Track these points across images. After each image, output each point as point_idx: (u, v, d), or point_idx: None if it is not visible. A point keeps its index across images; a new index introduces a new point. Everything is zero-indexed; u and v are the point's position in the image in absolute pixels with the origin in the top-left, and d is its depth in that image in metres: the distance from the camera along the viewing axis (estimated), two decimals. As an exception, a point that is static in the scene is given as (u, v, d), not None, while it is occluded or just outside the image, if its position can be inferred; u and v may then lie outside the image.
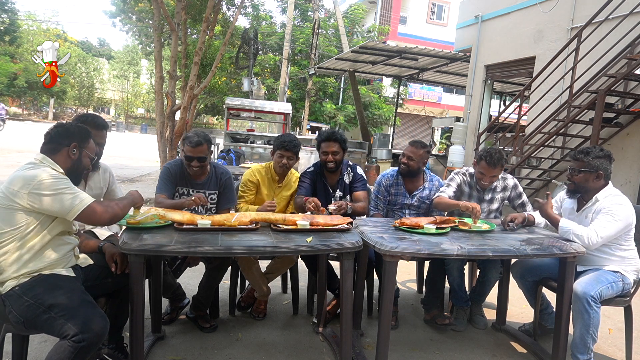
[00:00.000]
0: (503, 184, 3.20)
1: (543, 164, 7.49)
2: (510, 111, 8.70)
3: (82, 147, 2.05)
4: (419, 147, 3.17)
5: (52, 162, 1.96)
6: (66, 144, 2.00)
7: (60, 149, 1.99)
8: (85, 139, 2.07)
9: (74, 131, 2.05)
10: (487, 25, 9.78)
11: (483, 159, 3.00)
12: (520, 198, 3.20)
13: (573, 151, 2.72)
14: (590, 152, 2.59)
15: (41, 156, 1.97)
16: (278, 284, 3.60)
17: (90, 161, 2.12)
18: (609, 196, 2.57)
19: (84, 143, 2.06)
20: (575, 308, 2.47)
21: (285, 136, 3.10)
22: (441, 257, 2.79)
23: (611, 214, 2.50)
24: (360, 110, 14.50)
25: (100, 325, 1.79)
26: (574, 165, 2.64)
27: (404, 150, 3.23)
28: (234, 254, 2.41)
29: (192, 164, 2.76)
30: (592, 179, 2.59)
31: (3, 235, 1.84)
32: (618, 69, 6.31)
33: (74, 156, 2.02)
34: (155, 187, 2.86)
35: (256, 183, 3.08)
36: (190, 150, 2.74)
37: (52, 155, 1.97)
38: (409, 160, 3.17)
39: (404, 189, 3.26)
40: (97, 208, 1.93)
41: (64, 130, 2.03)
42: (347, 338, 2.39)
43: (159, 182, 2.82)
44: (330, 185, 3.20)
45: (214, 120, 35.84)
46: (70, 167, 2.02)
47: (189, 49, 9.49)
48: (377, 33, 22.29)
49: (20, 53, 33.01)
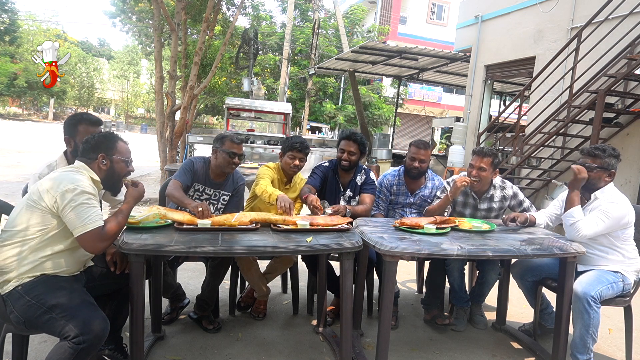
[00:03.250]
0: (501, 194, 3.11)
1: (543, 164, 7.49)
2: (510, 111, 8.70)
3: (110, 155, 2.07)
4: (425, 147, 3.17)
5: (90, 170, 2.04)
6: (94, 157, 2.05)
7: (92, 162, 2.06)
8: (111, 146, 2.09)
9: (98, 142, 2.07)
10: (487, 25, 9.78)
11: (474, 151, 3.04)
12: (521, 205, 3.13)
13: (588, 147, 2.68)
14: (606, 149, 2.59)
15: (80, 164, 2.04)
16: (278, 284, 3.60)
17: (126, 164, 2.14)
18: (607, 194, 2.58)
19: (110, 150, 2.08)
20: (575, 308, 2.47)
21: (296, 138, 3.11)
22: (441, 257, 2.79)
23: (604, 211, 2.51)
24: (360, 110, 14.49)
25: (101, 327, 1.80)
26: (589, 161, 2.60)
27: (412, 154, 3.19)
28: (234, 254, 2.41)
29: (234, 160, 2.85)
30: (605, 177, 2.59)
31: (15, 236, 1.86)
32: (618, 69, 6.30)
33: (105, 166, 2.06)
34: (174, 174, 2.92)
35: (272, 177, 3.08)
36: (236, 147, 2.84)
37: (89, 165, 2.05)
38: (420, 164, 3.17)
39: (405, 189, 3.27)
40: (108, 228, 1.94)
41: (90, 146, 2.06)
42: (347, 338, 2.39)
43: (179, 169, 2.88)
44: (342, 183, 3.21)
45: (214, 120, 35.86)
46: (105, 177, 2.08)
47: (189, 49, 9.49)
48: (377, 33, 22.30)
49: (20, 53, 33.04)
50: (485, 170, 2.95)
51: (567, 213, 2.58)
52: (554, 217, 2.90)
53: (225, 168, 2.87)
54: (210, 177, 2.92)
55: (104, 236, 1.91)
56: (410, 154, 3.21)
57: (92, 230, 1.86)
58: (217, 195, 2.95)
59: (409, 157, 3.21)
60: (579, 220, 2.52)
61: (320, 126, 18.91)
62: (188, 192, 2.84)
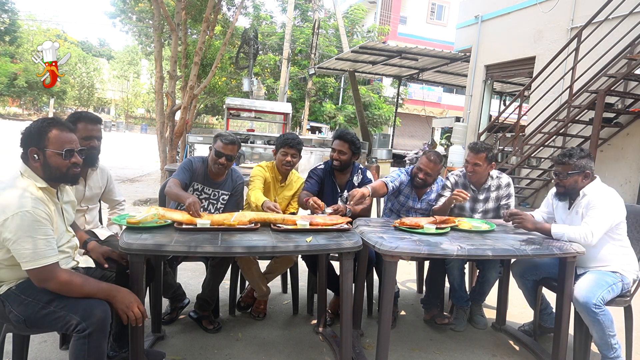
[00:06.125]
0: (497, 183, 3.16)
1: (543, 164, 7.49)
2: (510, 111, 8.70)
3: (42, 149, 1.81)
4: (436, 162, 3.05)
5: (34, 175, 1.83)
6: (27, 151, 1.83)
7: (28, 157, 1.84)
8: (40, 139, 1.81)
9: (28, 133, 1.83)
10: (487, 25, 9.78)
11: (469, 147, 3.05)
12: (507, 199, 3.14)
13: (556, 156, 2.71)
14: (574, 154, 2.61)
15: (23, 167, 1.85)
16: (278, 284, 3.60)
17: (63, 157, 1.84)
18: (595, 189, 2.59)
19: (41, 143, 1.81)
20: (584, 318, 2.47)
21: (288, 134, 3.14)
22: (441, 257, 2.79)
23: (599, 206, 2.51)
24: (360, 110, 14.50)
25: (102, 310, 1.77)
26: (560, 170, 2.64)
27: (421, 164, 3.07)
28: (234, 253, 2.41)
29: (219, 160, 2.82)
30: (581, 179, 2.61)
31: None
32: (618, 69, 6.31)
33: (38, 162, 1.82)
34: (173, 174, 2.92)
35: (264, 177, 3.09)
36: (222, 147, 2.80)
37: (28, 165, 1.85)
38: (426, 177, 3.07)
39: (415, 194, 3.23)
40: (59, 274, 1.76)
41: (22, 137, 1.84)
42: (347, 338, 2.39)
43: (178, 168, 2.88)
44: (339, 185, 3.21)
45: (214, 120, 35.85)
46: (44, 173, 1.85)
47: (189, 49, 9.47)
48: (377, 33, 22.31)
49: (20, 53, 33.04)
50: (480, 166, 3.02)
51: (554, 236, 2.57)
52: (546, 216, 2.93)
53: (212, 167, 2.86)
54: (209, 176, 2.93)
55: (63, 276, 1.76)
56: (419, 163, 3.11)
57: (45, 267, 1.72)
58: (217, 194, 2.95)
59: (417, 166, 3.12)
60: (569, 230, 2.53)
61: (320, 126, 18.90)
62: (187, 191, 2.84)
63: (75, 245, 2.09)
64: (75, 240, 2.09)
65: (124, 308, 1.82)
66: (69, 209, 2.05)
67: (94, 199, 2.65)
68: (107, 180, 2.72)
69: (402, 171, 3.22)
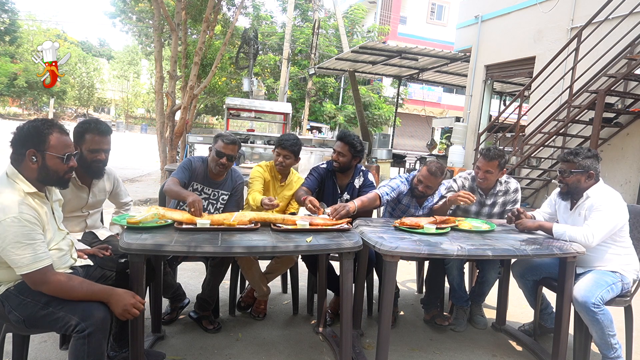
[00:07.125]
0: (505, 188, 3.13)
1: (543, 164, 7.48)
2: (510, 111, 8.70)
3: (42, 151, 1.78)
4: (436, 175, 2.92)
5: (22, 179, 1.79)
6: (23, 152, 1.78)
7: (22, 158, 1.79)
8: (41, 141, 1.78)
9: (26, 134, 1.78)
10: (487, 25, 9.78)
11: (481, 153, 3.01)
12: (514, 204, 3.13)
13: (562, 154, 2.71)
14: (580, 152, 2.61)
15: (11, 169, 1.81)
16: (278, 284, 3.60)
17: (62, 161, 1.83)
18: (599, 192, 2.58)
19: (41, 146, 1.78)
20: (583, 318, 2.47)
21: (285, 135, 3.14)
22: (441, 257, 2.79)
23: (603, 209, 2.50)
24: (360, 110, 14.49)
25: (101, 310, 1.77)
26: (565, 167, 2.64)
27: (421, 177, 2.96)
28: (234, 254, 2.40)
29: (220, 160, 2.82)
30: (584, 179, 2.60)
31: None
32: (618, 69, 6.31)
33: (35, 164, 1.78)
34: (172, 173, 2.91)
35: (263, 178, 3.09)
36: (223, 147, 2.81)
37: (18, 167, 1.80)
38: (426, 189, 2.99)
39: (415, 202, 3.18)
40: (53, 277, 1.76)
41: (18, 137, 1.79)
42: (347, 338, 2.39)
43: (177, 168, 2.88)
44: (340, 186, 3.19)
45: (214, 120, 35.87)
46: (38, 176, 1.81)
47: (189, 49, 9.48)
48: (377, 33, 22.29)
49: (20, 53, 33.02)
50: (492, 173, 2.98)
51: (554, 235, 2.58)
52: (547, 216, 2.92)
53: (213, 167, 2.87)
54: (209, 176, 2.93)
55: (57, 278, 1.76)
56: (420, 175, 2.99)
57: (39, 270, 1.72)
58: (216, 194, 2.95)
59: (417, 178, 3.00)
60: (570, 229, 2.53)
61: (320, 126, 18.89)
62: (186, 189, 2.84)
63: (71, 242, 2.08)
64: (70, 238, 2.08)
65: (119, 310, 1.81)
66: (57, 208, 2.04)
67: (97, 205, 2.60)
68: (113, 184, 2.66)
69: (402, 180, 3.10)
